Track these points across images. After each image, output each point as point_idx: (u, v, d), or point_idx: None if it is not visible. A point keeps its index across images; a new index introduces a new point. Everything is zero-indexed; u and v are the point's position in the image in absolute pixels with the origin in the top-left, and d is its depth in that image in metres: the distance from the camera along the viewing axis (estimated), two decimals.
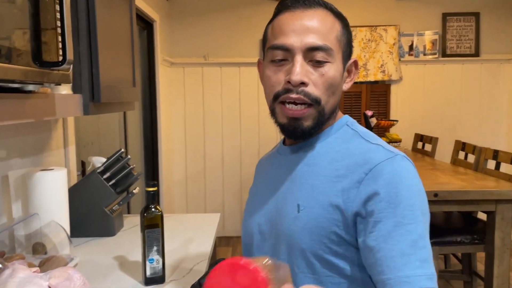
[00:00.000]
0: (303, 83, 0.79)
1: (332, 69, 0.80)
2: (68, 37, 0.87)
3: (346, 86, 0.87)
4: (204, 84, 4.10)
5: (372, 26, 4.02)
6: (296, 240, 0.80)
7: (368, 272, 0.75)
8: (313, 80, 0.79)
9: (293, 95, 0.79)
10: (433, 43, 4.08)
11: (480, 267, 2.78)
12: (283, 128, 0.84)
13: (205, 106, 4.12)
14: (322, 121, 0.83)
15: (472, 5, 4.06)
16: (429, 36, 4.08)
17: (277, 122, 0.85)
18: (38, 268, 0.81)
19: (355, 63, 0.88)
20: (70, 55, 0.87)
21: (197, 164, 4.17)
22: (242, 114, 4.13)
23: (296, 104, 0.80)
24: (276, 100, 0.82)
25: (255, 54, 4.08)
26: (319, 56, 0.78)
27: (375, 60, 4.04)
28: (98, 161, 1.67)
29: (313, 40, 0.78)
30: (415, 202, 0.74)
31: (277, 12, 0.84)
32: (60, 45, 0.87)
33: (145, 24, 3.30)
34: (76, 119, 1.92)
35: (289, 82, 0.79)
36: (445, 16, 4.07)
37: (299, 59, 0.79)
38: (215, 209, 4.15)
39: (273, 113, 0.85)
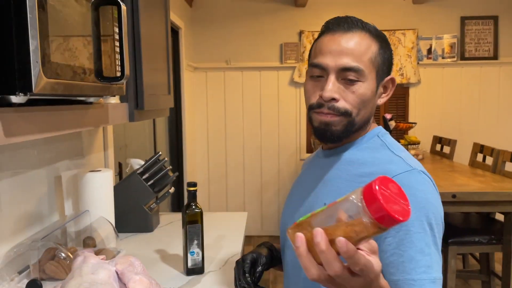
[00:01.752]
0: (334, 99, 0.89)
1: (363, 87, 0.90)
2: (126, 55, 1.00)
3: (381, 101, 0.96)
4: (226, 88, 4.24)
5: (391, 30, 4.09)
6: None
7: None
8: (344, 96, 0.89)
9: (325, 110, 0.90)
10: (452, 46, 4.14)
11: (498, 267, 2.83)
12: (316, 131, 0.94)
13: (226, 109, 4.26)
14: (352, 129, 0.92)
15: (490, 9, 4.10)
16: (448, 39, 4.14)
17: (312, 126, 0.96)
18: (104, 256, 0.93)
19: (392, 80, 0.96)
20: (127, 71, 1.00)
21: (219, 165, 4.31)
22: (263, 117, 4.25)
23: None
24: (311, 110, 0.93)
25: (275, 59, 4.20)
26: (351, 75, 0.88)
27: (393, 63, 4.11)
28: (136, 162, 1.81)
29: (346, 61, 0.88)
30: (425, 214, 0.83)
31: (321, 33, 0.95)
32: (118, 62, 1.00)
33: (171, 31, 3.45)
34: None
35: (321, 97, 0.90)
36: (463, 20, 4.12)
37: (332, 78, 0.89)
38: (236, 209, 4.28)
39: (310, 119, 0.96)
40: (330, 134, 0.92)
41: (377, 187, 0.52)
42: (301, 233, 0.58)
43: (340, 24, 0.91)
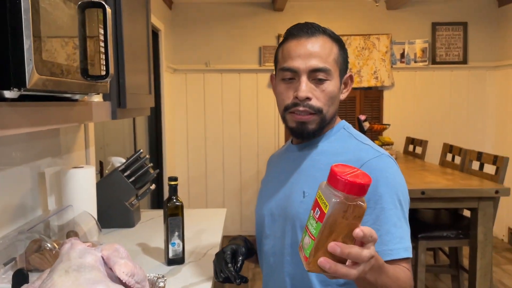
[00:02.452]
0: (308, 98, 0.98)
1: (331, 85, 0.99)
2: (110, 55, 1.06)
3: (343, 96, 1.07)
4: (205, 89, 4.30)
5: (366, 35, 4.23)
6: (302, 220, 0.99)
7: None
8: (316, 95, 0.99)
9: (301, 108, 0.99)
10: (423, 51, 4.30)
11: (466, 262, 2.97)
12: (292, 130, 1.04)
13: (206, 110, 4.32)
14: (324, 125, 1.03)
15: (460, 15, 4.29)
16: (420, 44, 4.30)
17: (287, 126, 1.04)
18: (90, 243, 0.99)
19: (351, 77, 1.07)
20: (111, 70, 1.06)
21: (198, 166, 4.36)
22: (242, 118, 4.33)
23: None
24: (287, 111, 1.02)
25: (254, 61, 4.28)
26: (320, 75, 0.98)
27: (368, 67, 4.25)
28: (117, 160, 1.86)
29: (315, 63, 0.97)
30: (395, 192, 0.95)
31: (285, 38, 1.03)
32: (103, 62, 1.06)
33: (151, 33, 3.49)
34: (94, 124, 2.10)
35: (296, 97, 0.98)
36: (434, 25, 4.30)
37: (304, 79, 0.98)
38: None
39: (284, 119, 1.04)
40: (307, 133, 1.02)
41: (336, 172, 0.63)
42: (322, 257, 0.64)
43: (303, 30, 1.00)
